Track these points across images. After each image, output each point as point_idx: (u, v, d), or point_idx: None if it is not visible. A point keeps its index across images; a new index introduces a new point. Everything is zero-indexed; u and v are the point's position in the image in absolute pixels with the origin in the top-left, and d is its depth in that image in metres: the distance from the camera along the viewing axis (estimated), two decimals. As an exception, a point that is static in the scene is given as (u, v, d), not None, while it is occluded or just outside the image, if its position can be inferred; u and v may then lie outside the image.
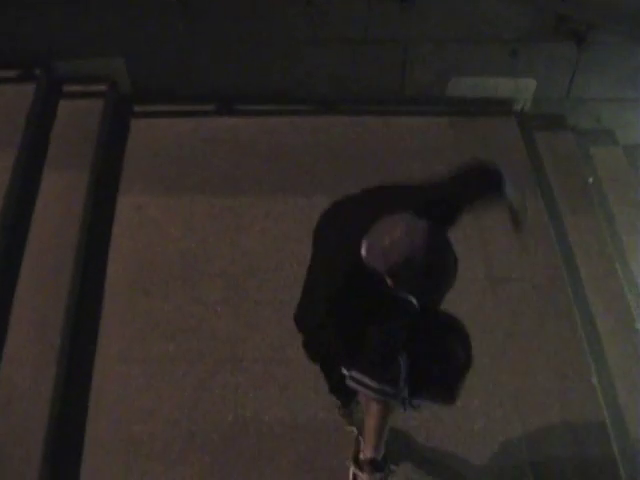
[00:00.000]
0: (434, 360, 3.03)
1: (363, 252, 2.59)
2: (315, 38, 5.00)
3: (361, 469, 3.42)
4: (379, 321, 2.75)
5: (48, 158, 4.70)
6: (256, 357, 4.03)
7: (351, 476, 3.51)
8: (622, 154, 5.50)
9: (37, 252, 4.27)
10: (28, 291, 4.11)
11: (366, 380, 2.88)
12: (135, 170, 4.85)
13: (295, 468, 3.69)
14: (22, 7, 4.77)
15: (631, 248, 4.92)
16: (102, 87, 5.12)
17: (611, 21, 4.75)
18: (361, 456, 3.42)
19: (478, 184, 3.08)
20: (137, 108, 5.25)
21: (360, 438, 3.54)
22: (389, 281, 2.56)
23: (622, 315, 4.51)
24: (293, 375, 3.94)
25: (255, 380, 3.94)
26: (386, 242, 2.51)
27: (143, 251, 4.46)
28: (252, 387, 3.91)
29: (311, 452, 3.72)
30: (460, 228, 4.50)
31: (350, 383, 2.93)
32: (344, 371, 2.99)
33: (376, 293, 2.67)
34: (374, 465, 3.34)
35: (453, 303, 4.21)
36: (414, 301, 2.71)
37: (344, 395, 3.50)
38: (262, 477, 3.66)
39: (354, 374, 2.90)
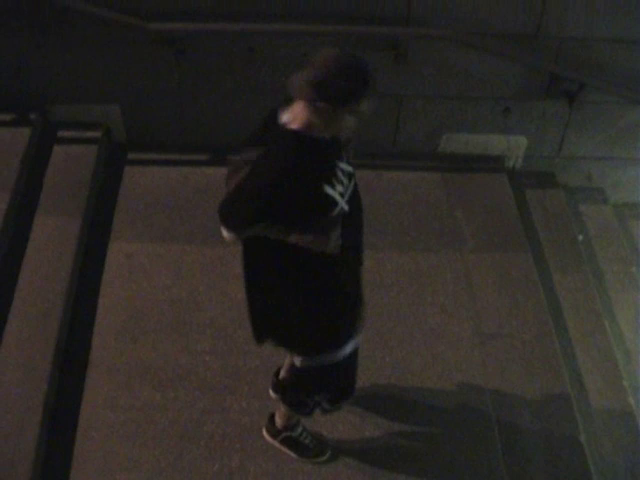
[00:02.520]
0: None
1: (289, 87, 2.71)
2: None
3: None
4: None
5: (40, 203, 4.72)
6: (243, 407, 4.01)
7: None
8: (612, 212, 5.54)
9: (27, 296, 4.27)
10: (17, 335, 4.10)
11: None
12: (127, 217, 4.87)
13: (280, 520, 3.67)
14: (20, 52, 4.82)
15: (619, 305, 4.94)
16: (97, 134, 5.15)
17: (602, 81, 4.82)
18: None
19: None
20: (131, 156, 5.28)
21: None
22: (310, 92, 2.62)
23: (610, 372, 4.51)
24: (280, 426, 3.93)
25: (242, 430, 3.92)
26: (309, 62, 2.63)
27: (133, 299, 4.45)
28: (238, 437, 3.89)
29: (296, 504, 3.71)
30: (449, 283, 4.56)
31: None
32: None
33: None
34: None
35: (441, 358, 4.26)
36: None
37: None
38: (246, 529, 3.64)
39: None
